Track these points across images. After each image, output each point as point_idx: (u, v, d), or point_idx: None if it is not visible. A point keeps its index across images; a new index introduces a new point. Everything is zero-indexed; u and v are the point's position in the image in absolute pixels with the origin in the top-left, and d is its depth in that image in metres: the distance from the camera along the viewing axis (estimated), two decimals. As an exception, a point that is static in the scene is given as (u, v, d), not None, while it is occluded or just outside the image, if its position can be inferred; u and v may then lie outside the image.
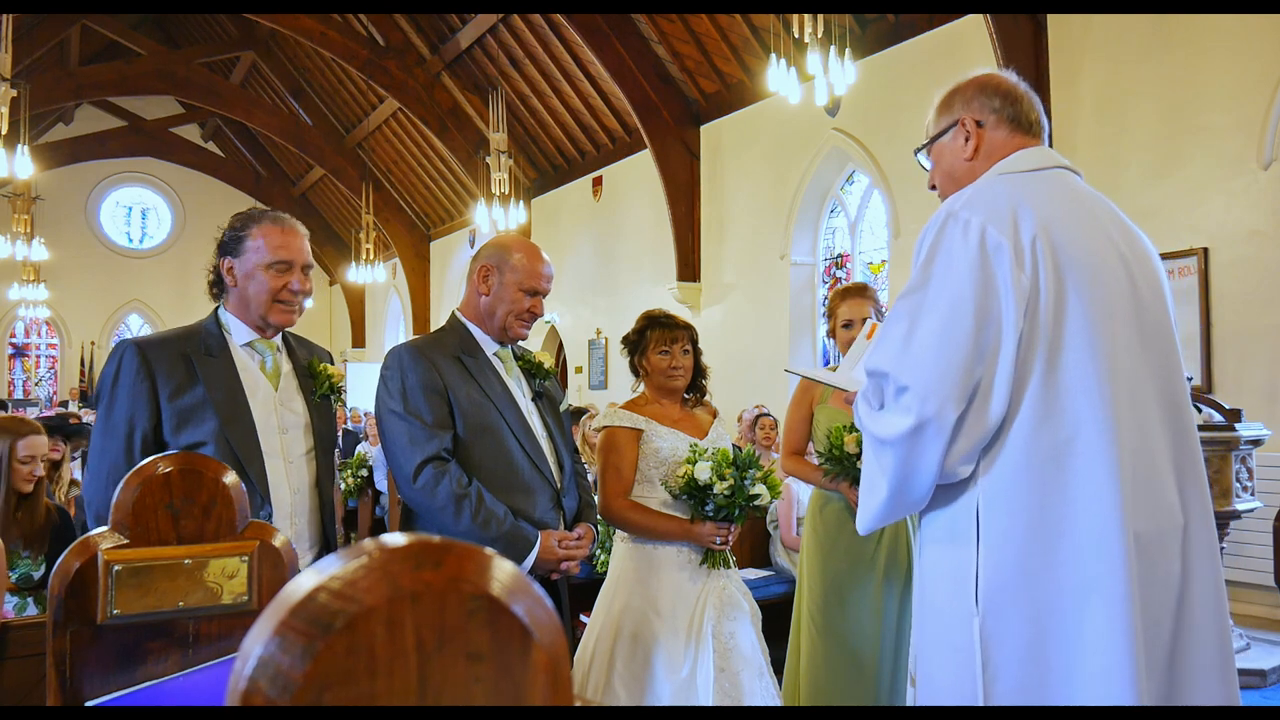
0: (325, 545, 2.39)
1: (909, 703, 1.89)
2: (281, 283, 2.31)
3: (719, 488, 2.86)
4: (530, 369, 2.74)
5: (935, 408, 1.64)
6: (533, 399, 2.69)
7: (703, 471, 2.87)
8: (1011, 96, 1.94)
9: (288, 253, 2.31)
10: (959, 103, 1.96)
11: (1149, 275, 1.83)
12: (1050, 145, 2.00)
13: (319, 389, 2.43)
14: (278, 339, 2.42)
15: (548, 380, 2.77)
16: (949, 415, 1.65)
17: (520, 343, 2.78)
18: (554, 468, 2.64)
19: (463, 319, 2.68)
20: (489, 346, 2.66)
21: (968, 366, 1.66)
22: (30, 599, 3.09)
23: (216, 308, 2.39)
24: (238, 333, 2.35)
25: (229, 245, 2.33)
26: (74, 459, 5.24)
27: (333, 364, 2.56)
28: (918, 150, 2.06)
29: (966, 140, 1.93)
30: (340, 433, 10.63)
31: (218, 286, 2.38)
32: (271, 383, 2.35)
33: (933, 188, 2.05)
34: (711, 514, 2.91)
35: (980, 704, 1.67)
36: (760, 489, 2.92)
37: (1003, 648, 1.66)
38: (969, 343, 1.66)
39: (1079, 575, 1.64)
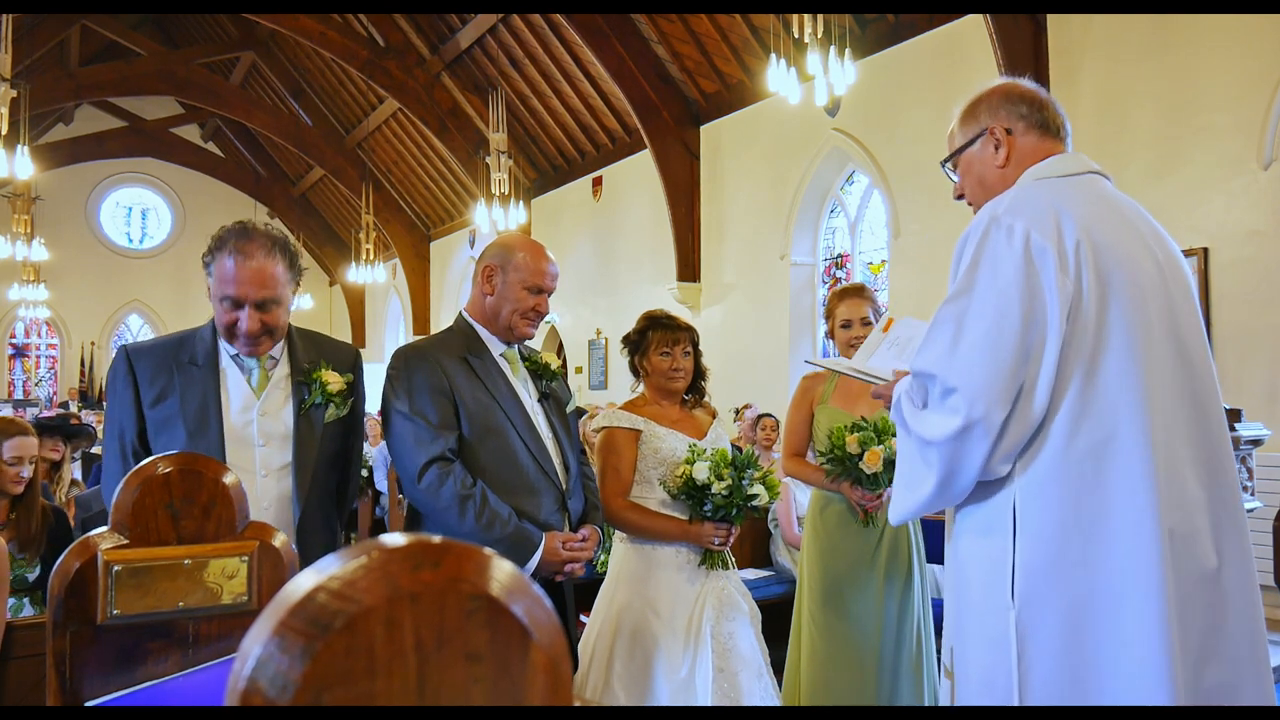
0: (306, 562, 2.30)
1: (944, 697, 1.91)
2: (231, 318, 2.23)
3: (717, 488, 2.86)
4: (537, 370, 2.73)
5: (983, 410, 1.68)
6: (539, 400, 2.69)
7: (700, 471, 2.87)
8: (1037, 103, 1.97)
9: (235, 288, 2.19)
10: (985, 112, 1.98)
11: (1179, 278, 1.87)
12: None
13: (310, 399, 2.33)
14: (276, 348, 2.36)
15: (554, 381, 2.76)
16: (996, 417, 1.68)
17: (524, 343, 2.78)
18: (559, 469, 2.63)
19: (469, 319, 2.67)
20: (495, 347, 2.65)
21: (1014, 369, 1.69)
22: (26, 600, 3.07)
23: None
24: (228, 343, 2.31)
25: (205, 264, 2.27)
26: (74, 459, 5.23)
27: (356, 364, 2.48)
28: (944, 162, 2.08)
29: (997, 148, 1.95)
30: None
31: None
32: (255, 393, 2.30)
33: (959, 198, 2.07)
34: (710, 514, 2.91)
35: (1015, 696, 1.70)
36: (758, 489, 2.92)
37: (1038, 641, 1.69)
38: (1016, 346, 1.69)
39: (1115, 571, 1.68)
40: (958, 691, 1.85)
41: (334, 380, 2.37)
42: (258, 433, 2.29)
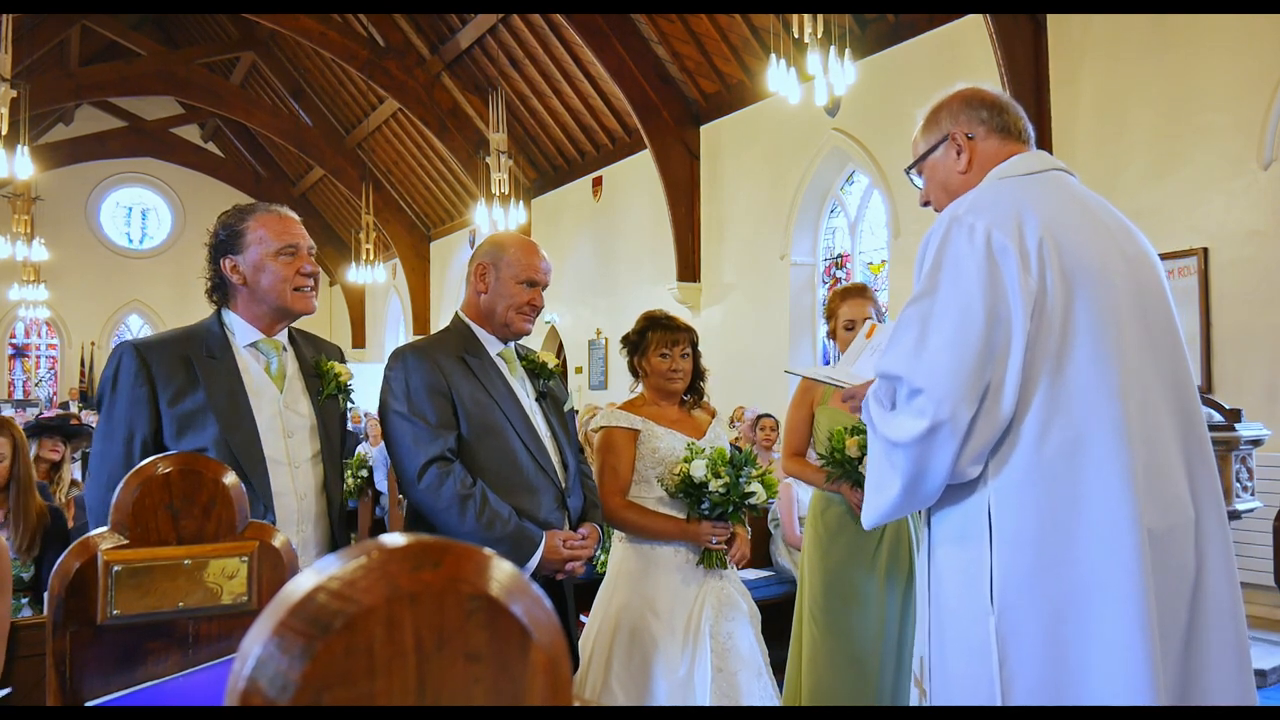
0: (335, 550, 2.33)
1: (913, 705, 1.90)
2: (294, 268, 2.26)
3: (714, 485, 2.86)
4: (534, 369, 2.74)
5: (949, 410, 1.66)
6: (536, 399, 2.70)
7: (698, 469, 2.87)
8: (998, 106, 1.96)
9: (292, 237, 2.27)
10: (946, 118, 1.98)
11: (1150, 274, 1.86)
12: (1050, 146, 2.02)
13: (325, 389, 2.35)
14: (283, 338, 2.34)
15: (551, 380, 2.77)
16: (963, 417, 1.67)
17: (522, 343, 2.78)
18: (558, 468, 2.64)
19: (466, 319, 2.68)
20: (493, 347, 2.66)
21: (979, 369, 1.68)
22: (24, 600, 3.06)
23: (218, 309, 2.31)
24: (242, 334, 2.28)
25: (228, 244, 2.25)
26: (74, 460, 5.22)
27: (342, 361, 2.48)
28: (908, 169, 2.07)
29: (959, 154, 1.95)
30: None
31: (219, 291, 2.30)
32: (276, 384, 2.28)
33: (926, 204, 2.07)
34: (707, 512, 2.92)
35: (998, 703, 1.68)
36: (755, 487, 2.92)
37: (1019, 646, 1.68)
38: (980, 345, 1.68)
39: (1093, 572, 1.66)
40: (935, 700, 1.82)
41: (344, 372, 2.40)
42: (286, 424, 2.27)
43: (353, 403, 2.48)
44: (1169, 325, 1.84)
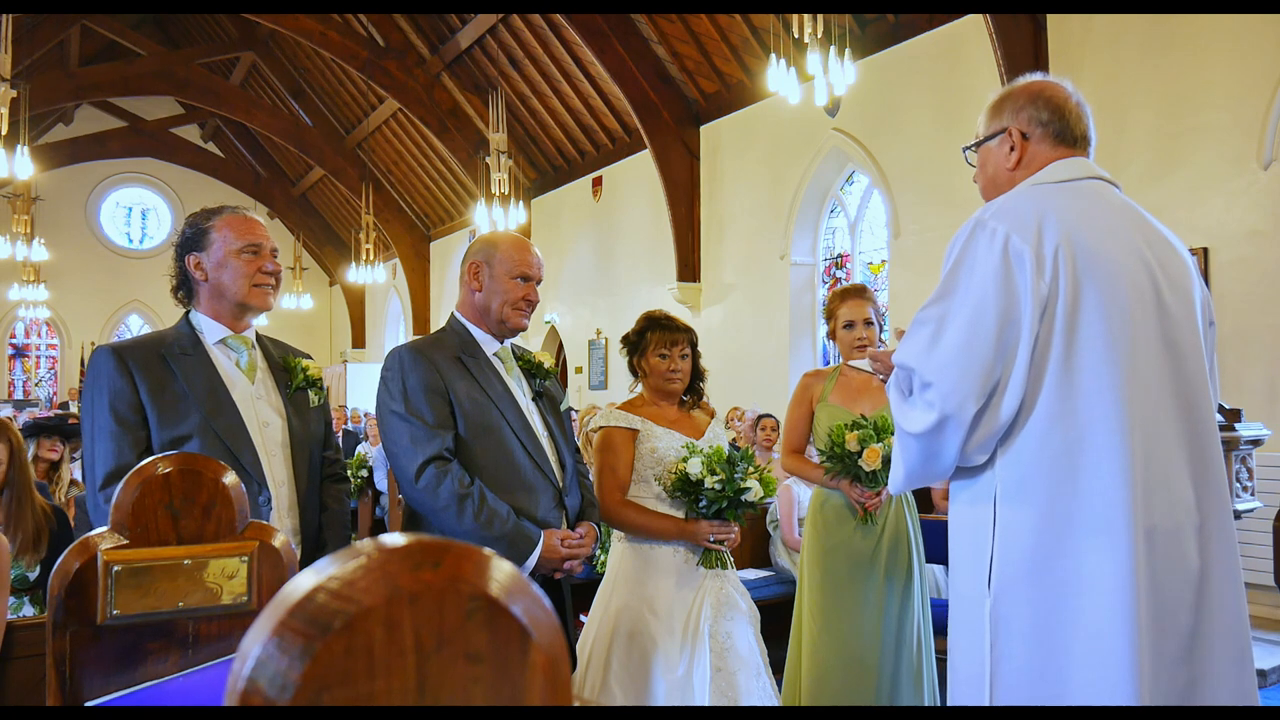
0: (308, 541, 2.39)
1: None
2: (255, 266, 2.34)
3: (709, 482, 2.87)
4: (530, 369, 2.74)
5: (956, 405, 1.75)
6: (533, 399, 2.70)
7: (694, 466, 2.88)
8: (1061, 111, 1.97)
9: (254, 236, 2.35)
10: (1009, 110, 2.00)
11: (1177, 284, 1.89)
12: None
13: (294, 382, 2.43)
14: (251, 335, 2.42)
15: (548, 380, 2.78)
16: (968, 412, 1.76)
17: (520, 343, 2.79)
18: (556, 467, 2.64)
19: (462, 319, 2.68)
20: (489, 346, 2.66)
21: (988, 368, 1.76)
22: (26, 599, 3.06)
23: (186, 312, 2.39)
24: (210, 332, 2.36)
25: (193, 242, 2.35)
26: (73, 460, 5.22)
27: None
28: (966, 148, 2.11)
29: (1011, 150, 1.98)
30: (340, 433, 10.63)
31: (184, 290, 2.39)
32: (247, 377, 2.36)
33: (977, 181, 2.12)
34: (705, 510, 2.92)
35: (987, 681, 1.77)
36: (751, 483, 2.92)
37: (1009, 631, 1.76)
38: (991, 345, 1.75)
39: (1085, 566, 1.72)
40: (949, 679, 1.93)
41: (312, 366, 2.48)
42: (259, 414, 2.34)
43: (323, 396, 2.53)
44: (1189, 334, 1.87)
